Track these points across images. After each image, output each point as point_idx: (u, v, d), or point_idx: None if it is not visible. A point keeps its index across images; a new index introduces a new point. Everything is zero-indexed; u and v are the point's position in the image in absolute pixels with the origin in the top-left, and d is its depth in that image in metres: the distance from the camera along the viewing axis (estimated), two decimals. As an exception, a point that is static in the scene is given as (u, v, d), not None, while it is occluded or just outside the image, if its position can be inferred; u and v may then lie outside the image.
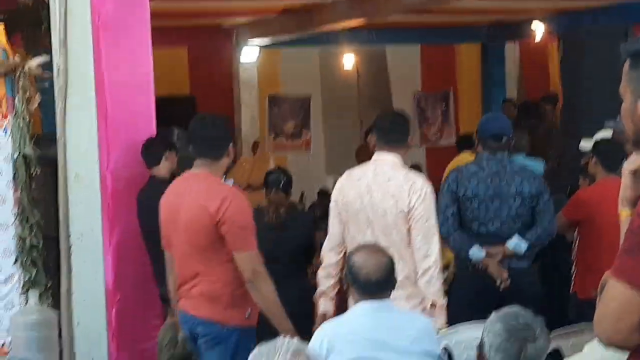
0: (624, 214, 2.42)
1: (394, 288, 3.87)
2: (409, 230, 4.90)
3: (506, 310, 3.01)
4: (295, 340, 2.44)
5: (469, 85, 14.73)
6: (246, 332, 4.58)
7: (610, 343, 2.31)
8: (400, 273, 4.72)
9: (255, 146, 13.12)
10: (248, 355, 2.95)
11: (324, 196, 9.48)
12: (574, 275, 5.78)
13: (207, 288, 4.58)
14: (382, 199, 4.89)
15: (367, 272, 3.82)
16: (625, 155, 6.04)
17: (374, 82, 14.46)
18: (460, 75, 14.78)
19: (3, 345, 5.62)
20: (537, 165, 7.23)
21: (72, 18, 5.16)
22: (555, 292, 5.71)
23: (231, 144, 4.78)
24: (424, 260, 4.85)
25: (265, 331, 4.23)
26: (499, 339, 2.92)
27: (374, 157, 5.13)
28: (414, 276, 4.90)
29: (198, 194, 4.60)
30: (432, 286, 4.86)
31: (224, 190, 4.69)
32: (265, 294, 4.53)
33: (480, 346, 2.99)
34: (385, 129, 5.08)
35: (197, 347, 4.65)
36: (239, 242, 4.52)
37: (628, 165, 2.48)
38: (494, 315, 3.00)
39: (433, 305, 4.83)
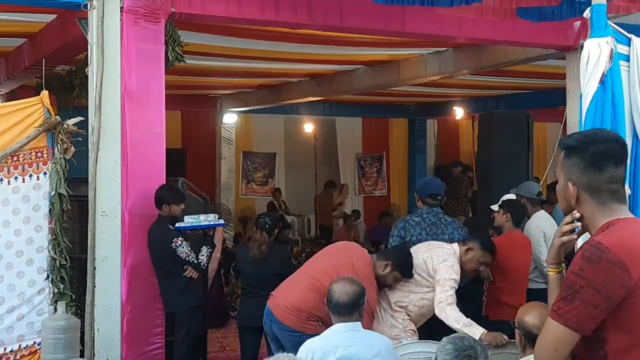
0: (552, 272, 2.49)
1: (360, 311, 3.88)
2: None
3: (454, 335, 3.05)
4: (291, 354, 2.47)
5: (398, 150, 14.98)
6: None
7: None
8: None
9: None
10: None
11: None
12: (485, 302, 5.85)
13: None
14: None
15: (338, 297, 3.86)
16: (525, 215, 6.15)
17: (326, 144, 14.59)
18: (392, 142, 15.02)
19: (34, 344, 5.53)
20: None
21: (105, 89, 5.15)
22: (469, 314, 5.76)
23: None
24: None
25: None
26: (449, 356, 2.95)
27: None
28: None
29: None
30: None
31: None
32: None
33: None
34: None
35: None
36: None
37: (561, 237, 2.44)
38: (445, 339, 3.03)
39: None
